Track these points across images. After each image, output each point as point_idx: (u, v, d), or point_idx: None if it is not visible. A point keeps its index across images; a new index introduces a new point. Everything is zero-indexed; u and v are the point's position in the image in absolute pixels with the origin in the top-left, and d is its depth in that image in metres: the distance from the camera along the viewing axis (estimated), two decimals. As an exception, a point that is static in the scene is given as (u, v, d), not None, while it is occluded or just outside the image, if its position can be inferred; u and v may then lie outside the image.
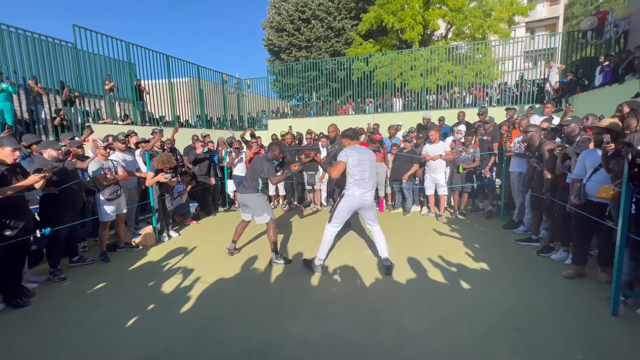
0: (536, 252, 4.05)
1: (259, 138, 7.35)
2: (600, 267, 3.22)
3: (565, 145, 3.71)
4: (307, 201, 6.94)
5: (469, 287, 3.20)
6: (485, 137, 6.07)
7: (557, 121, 5.36)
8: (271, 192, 7.13)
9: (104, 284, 3.57)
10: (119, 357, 2.34)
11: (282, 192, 7.10)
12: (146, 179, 4.74)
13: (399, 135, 7.35)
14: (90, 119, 7.97)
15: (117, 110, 8.71)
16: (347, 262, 3.90)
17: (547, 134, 4.32)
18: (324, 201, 7.04)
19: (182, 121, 11.00)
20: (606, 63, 7.84)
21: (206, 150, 6.58)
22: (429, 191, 6.04)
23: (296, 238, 5.00)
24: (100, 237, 4.33)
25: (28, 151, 4.26)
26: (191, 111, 11.86)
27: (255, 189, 3.98)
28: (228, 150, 7.05)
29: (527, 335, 2.42)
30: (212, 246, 4.66)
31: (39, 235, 3.49)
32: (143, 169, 5.24)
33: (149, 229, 4.91)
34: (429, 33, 17.17)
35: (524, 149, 4.63)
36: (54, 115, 7.25)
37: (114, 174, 4.25)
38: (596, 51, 9.83)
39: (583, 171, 3.22)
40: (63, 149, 4.04)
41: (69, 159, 4.11)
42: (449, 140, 6.25)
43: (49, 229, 3.48)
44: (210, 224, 6.15)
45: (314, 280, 3.49)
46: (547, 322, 2.57)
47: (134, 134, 5.65)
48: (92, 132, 5.97)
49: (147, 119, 9.41)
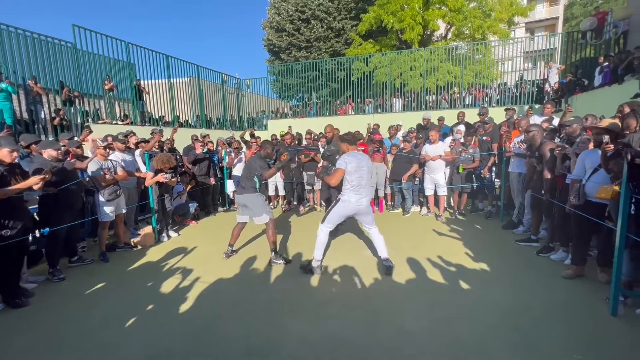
0: (536, 253, 4.05)
1: (258, 138, 7.34)
2: (599, 268, 3.22)
3: (565, 145, 3.71)
4: (307, 202, 6.93)
5: (468, 287, 3.20)
6: (484, 138, 6.08)
7: (557, 122, 5.36)
8: (271, 192, 7.12)
9: (103, 284, 3.57)
10: (118, 358, 2.34)
11: (281, 192, 7.09)
12: (146, 179, 4.74)
13: (399, 135, 7.35)
14: (90, 119, 7.96)
15: (117, 110, 8.71)
16: (346, 263, 3.90)
17: (547, 134, 4.32)
18: (323, 201, 7.03)
19: (181, 121, 10.99)
20: (605, 63, 7.85)
21: (206, 150, 6.58)
22: (429, 191, 6.04)
23: (295, 238, 5.00)
24: (100, 237, 4.33)
25: (27, 151, 4.25)
26: (191, 111, 11.85)
27: (253, 188, 3.98)
28: (227, 150, 7.05)
29: (527, 335, 2.42)
30: (212, 246, 4.65)
31: (38, 235, 3.49)
32: (143, 169, 5.24)
33: (148, 229, 4.91)
34: (428, 33, 17.19)
35: (526, 148, 4.62)
36: (53, 115, 7.25)
37: (113, 174, 4.25)
38: (596, 52, 9.85)
39: (582, 172, 3.22)
40: (62, 149, 4.04)
41: (68, 159, 4.11)
42: (449, 140, 6.26)
43: (48, 229, 3.48)
44: (210, 224, 6.15)
45: (314, 280, 3.48)
46: (546, 322, 2.57)
47: (132, 133, 5.65)
48: (91, 132, 5.97)
49: (146, 119, 9.41)
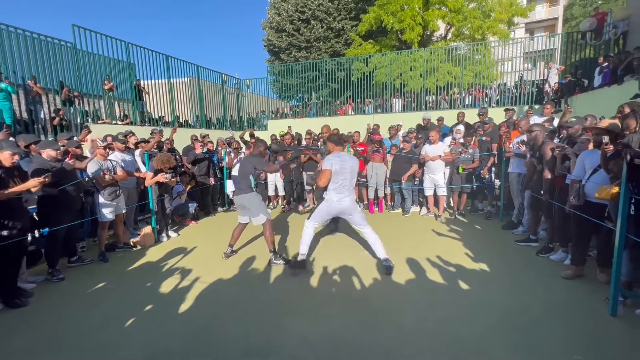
0: (535, 253, 4.05)
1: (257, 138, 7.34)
2: (599, 268, 3.22)
3: (565, 146, 3.71)
4: (306, 202, 6.93)
5: (468, 288, 3.20)
6: (484, 138, 6.08)
7: (557, 122, 5.36)
8: (270, 193, 7.12)
9: (102, 284, 3.57)
10: (118, 358, 2.34)
11: (281, 192, 7.09)
12: (145, 179, 4.74)
13: (400, 135, 7.35)
14: (90, 119, 7.96)
15: (117, 110, 8.70)
16: (346, 263, 3.90)
17: (546, 135, 4.31)
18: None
19: (181, 121, 10.99)
20: (605, 64, 7.86)
21: (205, 150, 6.58)
22: (428, 192, 6.04)
23: (295, 238, 4.97)
24: (99, 237, 4.32)
25: (25, 151, 4.23)
26: (190, 111, 11.84)
27: (249, 188, 3.99)
28: (227, 150, 7.04)
29: (527, 335, 2.42)
30: (211, 246, 4.65)
31: (37, 235, 3.48)
32: (142, 169, 5.24)
33: (147, 229, 4.90)
34: (428, 34, 17.20)
35: (529, 148, 4.60)
36: (53, 115, 7.24)
37: (112, 174, 4.25)
38: (595, 52, 9.85)
39: (582, 172, 3.22)
40: (61, 149, 4.03)
41: (67, 158, 4.10)
42: (448, 140, 6.26)
43: (47, 229, 3.47)
44: (210, 224, 6.14)
45: (314, 280, 3.48)
46: (546, 323, 2.57)
47: (131, 133, 5.64)
48: (89, 132, 5.95)
49: (146, 119, 9.40)
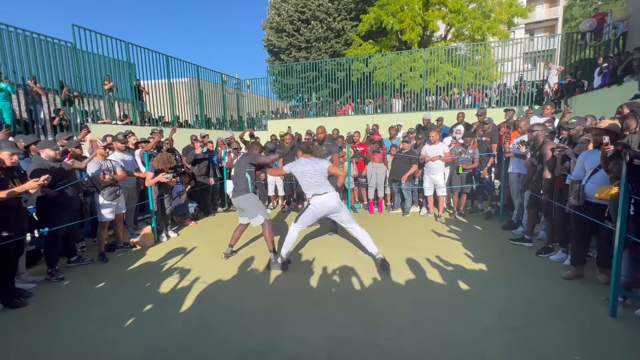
0: (535, 253, 4.05)
1: (257, 139, 7.35)
2: (599, 269, 3.22)
3: (565, 146, 3.71)
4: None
5: (467, 288, 3.20)
6: (484, 138, 6.08)
7: (557, 123, 5.36)
8: (270, 193, 7.12)
9: (102, 284, 3.57)
10: (117, 358, 2.33)
11: (281, 192, 7.09)
12: (146, 179, 4.74)
13: (399, 135, 7.35)
14: (90, 119, 7.95)
15: (117, 110, 8.70)
16: (346, 263, 3.90)
17: (546, 135, 4.31)
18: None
19: (181, 121, 10.99)
20: (605, 64, 7.85)
21: (205, 150, 6.58)
22: (428, 192, 6.04)
23: (295, 238, 4.99)
24: (99, 237, 4.32)
25: (24, 152, 4.23)
26: (190, 111, 11.85)
27: (245, 189, 3.97)
28: (227, 150, 7.04)
29: (526, 335, 2.42)
30: (211, 247, 4.65)
31: (37, 235, 3.48)
32: (142, 169, 5.23)
33: (147, 229, 4.90)
34: (428, 34, 17.23)
35: (529, 148, 4.60)
36: (52, 115, 7.24)
37: (112, 174, 4.24)
38: (595, 53, 9.85)
39: (582, 172, 3.22)
40: (60, 149, 4.03)
41: (66, 158, 4.10)
42: (448, 140, 6.26)
43: (46, 229, 3.47)
44: (209, 224, 6.14)
45: (313, 280, 3.48)
46: (545, 323, 2.57)
47: (131, 134, 5.64)
48: (88, 132, 5.95)
49: (146, 119, 9.40)
